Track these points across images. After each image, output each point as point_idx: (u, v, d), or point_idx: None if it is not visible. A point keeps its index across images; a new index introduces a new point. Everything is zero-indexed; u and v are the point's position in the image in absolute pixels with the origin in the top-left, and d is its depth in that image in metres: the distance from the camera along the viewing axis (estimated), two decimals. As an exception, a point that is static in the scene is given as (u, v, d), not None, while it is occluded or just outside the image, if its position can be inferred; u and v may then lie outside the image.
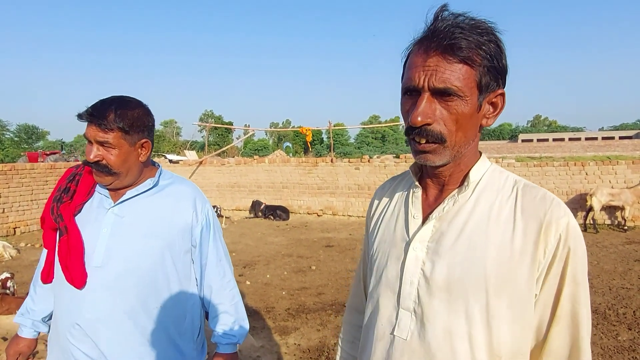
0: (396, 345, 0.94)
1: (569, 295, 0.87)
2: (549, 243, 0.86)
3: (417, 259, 0.94)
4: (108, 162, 1.40)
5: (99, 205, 1.48)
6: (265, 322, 4.59)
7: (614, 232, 8.93)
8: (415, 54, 0.88)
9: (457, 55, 0.83)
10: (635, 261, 6.61)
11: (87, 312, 1.40)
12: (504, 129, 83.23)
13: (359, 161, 11.64)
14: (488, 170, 0.96)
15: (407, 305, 0.94)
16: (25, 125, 74.70)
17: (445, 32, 0.83)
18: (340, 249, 8.05)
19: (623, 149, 43.67)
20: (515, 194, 0.92)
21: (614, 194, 8.84)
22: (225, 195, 13.17)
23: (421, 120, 0.85)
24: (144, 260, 1.44)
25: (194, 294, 1.58)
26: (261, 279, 6.20)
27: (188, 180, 1.63)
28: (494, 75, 0.87)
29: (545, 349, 0.90)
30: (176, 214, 1.51)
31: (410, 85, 0.87)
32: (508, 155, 37.52)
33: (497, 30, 0.87)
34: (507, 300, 0.87)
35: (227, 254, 1.66)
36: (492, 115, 0.93)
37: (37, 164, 10.79)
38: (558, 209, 0.88)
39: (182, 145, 40.43)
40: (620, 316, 4.52)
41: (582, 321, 0.87)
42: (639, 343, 3.88)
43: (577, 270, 0.87)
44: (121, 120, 1.38)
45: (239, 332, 1.61)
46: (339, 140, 64.85)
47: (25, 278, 6.13)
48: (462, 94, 0.85)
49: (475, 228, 0.90)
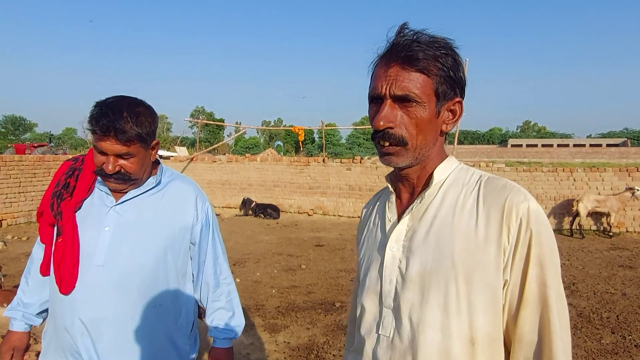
0: (381, 344, 0.98)
1: (536, 278, 0.89)
2: (511, 228, 0.90)
3: (394, 258, 0.99)
4: (128, 171, 1.38)
5: (101, 203, 1.46)
6: (255, 319, 4.60)
7: (599, 237, 9.07)
8: (378, 66, 0.97)
9: (414, 66, 0.92)
10: (620, 266, 6.74)
11: (89, 310, 1.39)
12: (494, 134, 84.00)
13: (351, 161, 11.67)
14: (455, 169, 1.02)
15: (388, 303, 0.99)
16: (13, 117, 73.61)
17: (403, 46, 0.92)
18: (330, 248, 8.07)
19: (610, 157, 44.35)
20: (478, 186, 0.97)
21: (600, 201, 8.99)
22: (215, 192, 13.12)
23: (383, 124, 0.93)
24: (147, 260, 1.44)
25: (190, 289, 1.60)
26: (251, 276, 6.20)
27: (188, 178, 1.64)
28: (451, 85, 0.95)
29: (517, 334, 0.91)
30: (178, 213, 1.52)
31: (375, 93, 0.95)
32: (498, 159, 37.88)
33: (454, 45, 0.96)
34: (478, 288, 0.90)
35: (224, 251, 1.68)
36: (451, 122, 1.00)
37: (24, 156, 10.64)
38: (518, 195, 0.92)
39: (173, 141, 40.16)
40: (604, 320, 4.60)
41: (551, 304, 0.88)
42: (622, 346, 3.97)
43: (542, 252, 0.89)
44: (140, 129, 1.35)
45: (235, 327, 1.64)
46: (331, 140, 64.92)
47: (12, 271, 6.05)
48: (420, 100, 0.92)
49: (443, 222, 0.96)
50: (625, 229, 9.40)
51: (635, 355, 3.80)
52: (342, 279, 6.10)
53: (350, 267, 6.71)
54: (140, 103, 1.43)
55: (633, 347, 3.94)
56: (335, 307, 4.98)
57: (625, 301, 5.16)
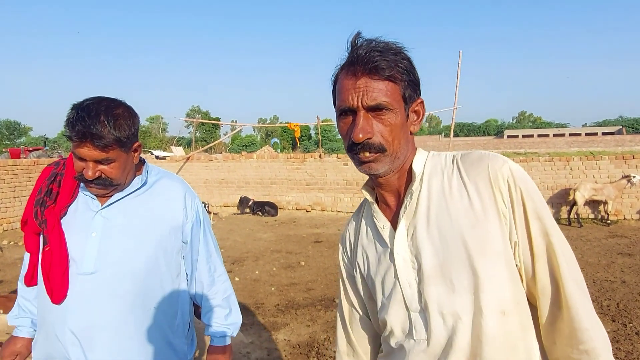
0: (418, 348, 0.97)
1: (538, 231, 0.93)
2: (502, 191, 0.94)
3: (405, 261, 0.99)
4: (109, 176, 1.33)
5: (86, 208, 1.41)
6: (255, 318, 4.58)
7: (597, 226, 9.09)
8: (344, 78, 0.97)
9: (381, 75, 0.94)
10: (618, 254, 6.75)
11: (80, 319, 1.35)
12: (490, 125, 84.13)
13: (348, 157, 11.63)
14: (428, 158, 1.05)
15: (414, 307, 0.98)
16: (7, 121, 73.25)
17: (367, 57, 0.94)
18: (329, 244, 8.06)
19: (606, 145, 44.49)
20: (456, 165, 1.00)
21: (597, 189, 9.00)
22: (213, 191, 13.08)
23: (362, 136, 0.94)
24: (139, 263, 1.41)
25: (185, 289, 1.57)
26: (250, 275, 6.18)
27: (176, 175, 1.60)
28: (413, 87, 0.99)
29: (538, 288, 0.94)
30: (167, 212, 1.48)
31: (345, 106, 0.96)
32: (494, 150, 37.89)
33: (406, 49, 0.99)
34: (492, 258, 0.92)
35: (217, 248, 1.65)
36: (417, 122, 1.04)
37: (19, 160, 10.58)
38: (496, 160, 0.96)
39: (169, 141, 40.06)
40: (604, 308, 4.61)
41: (557, 250, 0.92)
42: (622, 334, 3.97)
43: (536, 205, 0.93)
44: (118, 133, 1.29)
45: (232, 324, 1.62)
46: (327, 136, 64.84)
47: (9, 276, 6.02)
48: (392, 107, 0.95)
49: (438, 210, 0.97)
50: (623, 217, 9.42)
51: (636, 342, 3.80)
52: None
53: (350, 263, 6.69)
54: (119, 105, 1.36)
55: (634, 335, 3.94)
56: (335, 303, 4.97)
57: (625, 289, 5.16)
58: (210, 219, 11.15)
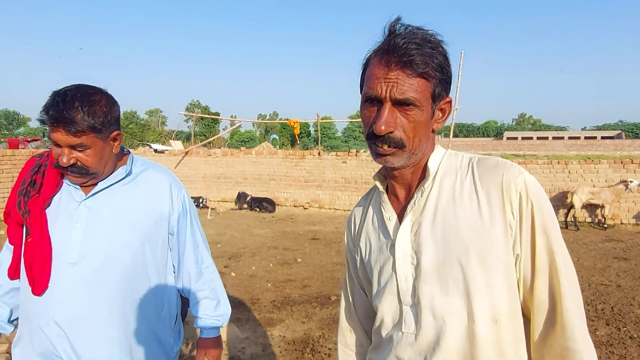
0: (405, 341, 0.98)
1: (543, 247, 0.92)
2: (513, 203, 0.92)
3: (404, 255, 0.99)
4: (84, 164, 1.32)
5: (70, 198, 1.40)
6: (251, 313, 4.59)
7: (594, 229, 9.12)
8: (376, 65, 0.94)
9: (415, 70, 0.91)
10: (614, 258, 6.77)
11: (64, 310, 1.34)
12: (490, 127, 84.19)
13: (347, 155, 11.65)
14: (444, 156, 1.03)
15: (407, 301, 0.99)
16: (6, 111, 73.03)
17: (404, 49, 0.90)
18: (326, 242, 8.07)
19: (605, 149, 44.55)
20: (471, 169, 0.99)
21: (594, 193, 9.03)
22: (211, 186, 13.07)
23: (385, 129, 0.92)
24: (124, 254, 1.39)
25: (172, 281, 1.56)
26: (246, 270, 6.19)
27: (162, 166, 1.58)
28: (444, 85, 0.96)
29: (534, 302, 0.94)
30: (153, 202, 1.47)
31: (373, 94, 0.94)
32: (493, 152, 37.98)
33: (444, 42, 0.96)
34: (492, 267, 0.92)
35: (204, 239, 1.63)
36: (441, 120, 1.01)
37: (18, 150, 10.56)
38: (512, 170, 0.94)
39: (168, 135, 40.01)
40: (599, 312, 4.62)
41: (560, 268, 0.91)
42: (616, 338, 3.99)
43: (545, 221, 0.92)
44: (92, 119, 1.27)
45: (221, 316, 1.61)
46: (326, 133, 64.83)
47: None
48: (420, 104, 0.93)
49: (445, 210, 0.97)
50: (620, 221, 9.45)
51: (629, 346, 3.82)
52: (338, 273, 6.10)
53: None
54: (98, 92, 1.34)
55: (627, 339, 3.96)
56: (331, 300, 4.98)
57: (620, 293, 5.18)
58: (207, 214, 11.11)
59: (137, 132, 52.12)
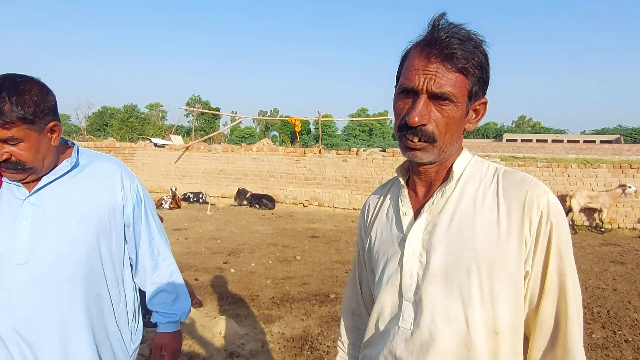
0: (400, 337, 0.99)
1: (556, 269, 0.93)
2: (532, 221, 0.92)
3: (413, 252, 0.99)
4: (19, 159, 1.23)
5: (11, 197, 1.31)
6: (250, 309, 4.62)
7: (591, 233, 9.18)
8: (416, 57, 0.94)
9: (454, 65, 0.91)
10: (611, 262, 6.82)
11: (19, 313, 1.27)
12: (489, 128, 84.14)
13: (347, 153, 11.67)
14: (470, 162, 1.03)
15: (408, 297, 0.99)
16: None
17: (446, 42, 0.90)
18: (325, 240, 8.10)
19: (603, 153, 44.56)
20: (496, 180, 0.99)
21: (593, 197, 9.08)
22: (211, 181, 13.09)
23: (418, 120, 0.92)
24: (77, 249, 1.33)
25: (129, 276, 1.52)
26: (246, 267, 6.22)
27: (111, 157, 1.51)
28: (481, 85, 0.96)
29: (538, 321, 0.95)
30: (104, 194, 1.40)
31: (409, 85, 0.93)
32: (493, 153, 37.92)
33: (487, 43, 0.96)
34: (500, 280, 0.92)
35: (161, 230, 1.58)
36: (474, 121, 1.01)
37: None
38: (537, 188, 0.94)
39: (168, 130, 39.93)
40: (595, 315, 4.67)
41: (568, 291, 0.92)
42: (611, 341, 4.02)
43: (561, 243, 0.93)
44: (21, 109, 1.19)
45: (180, 309, 1.56)
46: (327, 131, 64.75)
47: None
48: (456, 99, 0.92)
49: (464, 216, 0.96)
50: (617, 225, 9.50)
51: (625, 350, 3.86)
52: (337, 271, 6.13)
53: (346, 259, 6.74)
54: (28, 81, 1.25)
55: (623, 342, 4.00)
56: (330, 298, 5.01)
57: (616, 296, 5.23)
58: (207, 209, 11.09)
59: (138, 125, 51.96)
